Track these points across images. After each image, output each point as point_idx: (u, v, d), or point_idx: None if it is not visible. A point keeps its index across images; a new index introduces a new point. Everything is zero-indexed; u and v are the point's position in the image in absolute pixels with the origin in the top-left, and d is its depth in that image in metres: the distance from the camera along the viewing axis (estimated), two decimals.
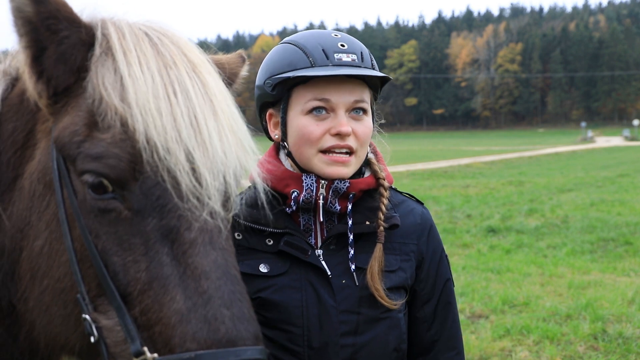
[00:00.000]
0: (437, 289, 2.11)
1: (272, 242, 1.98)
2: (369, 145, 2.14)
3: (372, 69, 2.00)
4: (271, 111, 2.07)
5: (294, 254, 1.95)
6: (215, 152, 1.43)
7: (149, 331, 1.34)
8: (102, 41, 1.48)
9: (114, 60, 1.45)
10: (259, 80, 2.06)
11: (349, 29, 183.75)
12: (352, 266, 1.96)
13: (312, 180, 1.98)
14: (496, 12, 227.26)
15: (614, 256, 10.48)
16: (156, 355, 1.32)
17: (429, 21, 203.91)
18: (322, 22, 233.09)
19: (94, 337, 1.38)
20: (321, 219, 1.99)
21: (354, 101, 1.95)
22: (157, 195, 1.39)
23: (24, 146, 1.57)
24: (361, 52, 2.00)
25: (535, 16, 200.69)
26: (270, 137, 2.13)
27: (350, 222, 1.98)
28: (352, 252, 1.97)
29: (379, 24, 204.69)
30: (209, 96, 1.48)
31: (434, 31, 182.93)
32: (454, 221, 14.09)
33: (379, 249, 1.97)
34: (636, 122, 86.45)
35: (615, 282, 8.76)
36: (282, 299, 1.94)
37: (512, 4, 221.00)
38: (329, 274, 1.95)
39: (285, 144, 2.04)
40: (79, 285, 1.41)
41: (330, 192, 1.97)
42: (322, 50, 1.96)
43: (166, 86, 1.43)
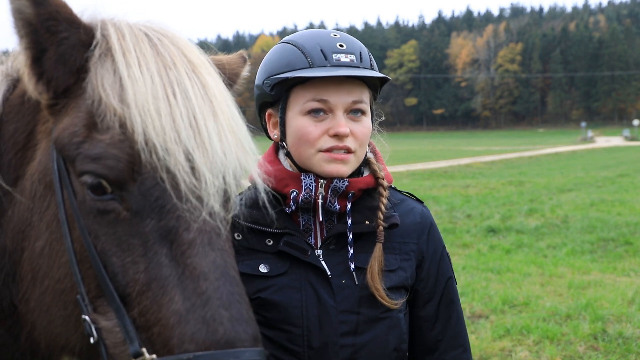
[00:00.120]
0: (439, 288, 2.10)
1: (271, 242, 1.98)
2: (369, 144, 2.14)
3: (371, 69, 1.99)
4: (270, 111, 2.07)
5: (293, 254, 1.95)
6: (214, 152, 1.43)
7: (147, 332, 1.34)
8: (102, 42, 1.47)
9: (113, 61, 1.44)
10: (258, 80, 2.06)
11: (349, 29, 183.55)
12: (352, 265, 1.96)
13: (311, 180, 1.98)
14: (496, 12, 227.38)
15: (614, 256, 10.48)
16: (155, 356, 1.31)
17: (429, 21, 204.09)
18: (322, 22, 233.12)
19: (94, 338, 1.38)
20: (320, 219, 1.99)
21: (352, 102, 1.95)
22: (156, 196, 1.38)
23: (25, 147, 1.56)
24: (360, 52, 1.99)
25: (535, 16, 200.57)
26: (270, 137, 2.12)
27: (349, 221, 1.97)
28: (351, 251, 1.96)
29: (379, 24, 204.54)
30: (208, 97, 1.48)
31: (434, 31, 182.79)
32: (454, 221, 14.08)
33: (378, 248, 1.96)
34: (636, 122, 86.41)
35: (615, 282, 8.76)
36: (281, 299, 1.94)
37: (512, 4, 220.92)
38: (329, 274, 1.95)
39: (284, 144, 2.04)
40: (78, 286, 1.41)
41: (329, 191, 1.97)
42: (321, 50, 1.95)
43: (165, 87, 1.43)
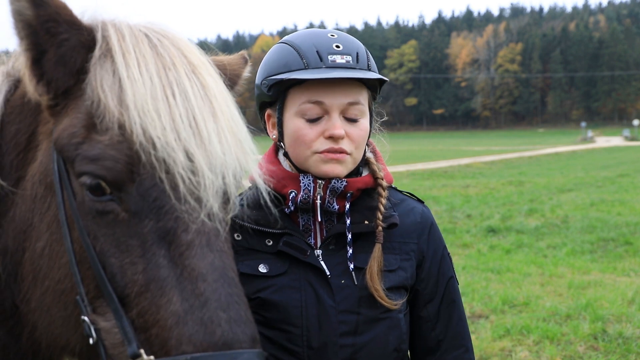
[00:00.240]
0: (440, 288, 2.10)
1: (271, 242, 1.98)
2: (369, 144, 2.13)
3: (368, 69, 1.98)
4: (269, 111, 2.07)
5: (292, 254, 1.95)
6: (214, 153, 1.42)
7: (146, 333, 1.34)
8: (102, 43, 1.47)
9: (112, 62, 1.44)
10: (257, 79, 2.06)
11: (349, 29, 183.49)
12: (351, 266, 1.96)
13: (309, 180, 1.97)
14: (496, 12, 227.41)
15: (614, 256, 10.47)
16: (152, 357, 1.31)
17: (429, 21, 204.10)
18: (322, 22, 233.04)
19: (93, 339, 1.38)
20: (319, 219, 1.99)
21: (347, 103, 1.94)
22: (154, 196, 1.38)
23: (26, 148, 1.57)
24: (357, 53, 1.97)
25: (535, 16, 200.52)
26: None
27: (348, 221, 1.97)
28: (350, 251, 1.96)
29: (379, 24, 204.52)
30: (208, 97, 1.47)
31: (434, 31, 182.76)
32: (454, 221, 14.08)
33: (377, 249, 1.96)
34: (636, 122, 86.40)
35: (615, 282, 8.76)
36: (281, 299, 1.94)
37: (512, 4, 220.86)
38: (328, 274, 1.95)
39: (282, 144, 2.04)
40: (78, 286, 1.41)
41: (327, 191, 1.97)
42: (317, 51, 1.94)
43: (165, 88, 1.42)
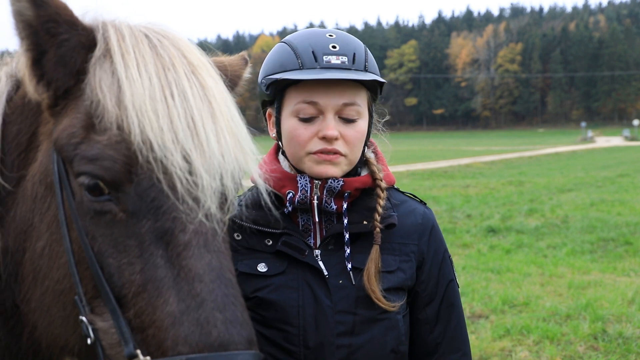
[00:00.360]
0: (440, 291, 2.08)
1: (271, 242, 1.98)
2: (370, 144, 2.13)
3: (365, 70, 1.96)
4: (269, 110, 2.08)
5: (291, 253, 1.95)
6: (212, 153, 1.42)
7: (142, 333, 1.34)
8: (102, 44, 1.47)
9: (112, 62, 1.44)
10: (259, 78, 2.06)
11: (349, 29, 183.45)
12: (349, 266, 1.96)
13: (306, 180, 1.97)
14: (496, 12, 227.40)
15: (614, 256, 10.48)
16: (149, 358, 1.31)
17: (429, 21, 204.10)
18: (322, 22, 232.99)
19: (91, 339, 1.38)
20: (316, 219, 1.99)
21: (343, 104, 1.93)
22: (152, 197, 1.38)
23: (27, 148, 1.57)
24: (354, 54, 1.95)
25: (535, 16, 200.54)
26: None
27: (345, 221, 1.97)
28: (348, 251, 1.96)
29: (379, 24, 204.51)
30: (207, 98, 1.47)
31: (434, 31, 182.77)
32: (454, 221, 14.08)
33: (375, 250, 1.96)
34: (636, 122, 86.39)
35: (615, 282, 8.76)
36: (278, 299, 1.94)
37: (512, 4, 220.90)
38: (326, 274, 1.95)
39: (280, 143, 2.05)
40: (76, 287, 1.41)
41: (324, 192, 1.96)
42: (312, 52, 1.94)
43: (163, 88, 1.42)
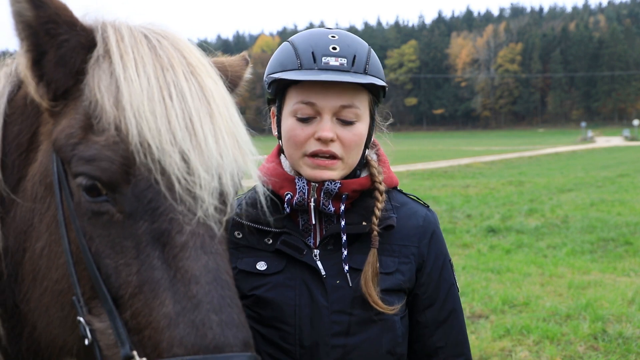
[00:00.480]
0: (441, 295, 2.08)
1: (271, 241, 1.99)
2: (374, 145, 2.13)
3: (365, 73, 1.94)
4: (273, 109, 2.08)
5: (289, 253, 1.96)
6: (210, 154, 1.42)
7: (139, 335, 1.34)
8: (101, 44, 1.47)
9: (110, 63, 1.44)
10: (264, 77, 2.06)
11: (349, 29, 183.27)
12: (346, 267, 1.96)
13: (303, 183, 1.98)
14: (496, 12, 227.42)
15: (614, 256, 10.49)
16: (145, 359, 1.31)
17: (429, 21, 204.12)
18: (322, 22, 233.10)
19: (88, 340, 1.38)
20: (312, 222, 1.99)
21: (340, 106, 1.92)
22: (149, 198, 1.38)
23: (28, 148, 1.57)
24: (354, 56, 1.94)
25: (535, 16, 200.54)
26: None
27: (343, 222, 1.97)
28: (345, 252, 1.96)
29: (379, 24, 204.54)
30: (206, 99, 1.47)
31: (434, 31, 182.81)
32: (454, 221, 14.09)
33: (372, 254, 1.95)
34: (636, 122, 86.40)
35: (615, 282, 8.77)
36: (275, 297, 1.95)
37: (512, 4, 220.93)
38: (324, 274, 1.95)
39: (281, 142, 2.05)
40: (74, 287, 1.41)
41: (321, 194, 1.96)
42: (312, 52, 1.93)
43: (162, 89, 1.42)
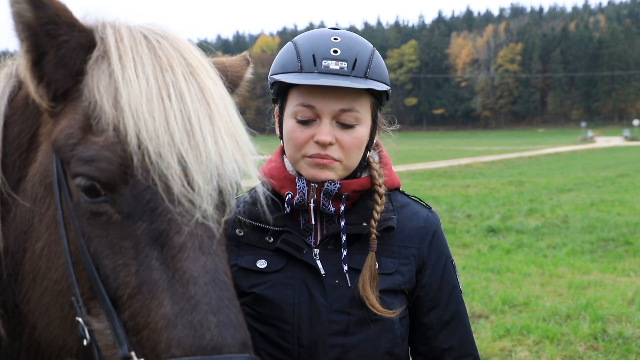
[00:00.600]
0: (444, 296, 2.08)
1: (272, 239, 1.99)
2: (377, 146, 2.13)
3: (365, 77, 1.93)
4: (276, 108, 2.08)
5: (289, 251, 1.96)
6: (209, 155, 1.42)
7: (137, 335, 1.34)
8: (101, 45, 1.47)
9: (109, 63, 1.44)
10: (268, 76, 2.07)
11: (349, 29, 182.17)
12: (345, 267, 1.96)
13: (303, 183, 1.98)
14: (496, 12, 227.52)
15: (614, 256, 10.48)
16: None
17: (429, 21, 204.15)
18: (322, 22, 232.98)
19: (87, 340, 1.38)
20: (312, 222, 2.00)
21: (340, 110, 1.92)
22: (148, 198, 1.38)
23: (28, 149, 1.57)
24: (355, 60, 1.93)
25: (535, 16, 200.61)
26: None
27: (342, 223, 1.97)
28: (344, 253, 1.97)
29: (379, 24, 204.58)
30: (205, 99, 1.47)
31: (434, 31, 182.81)
32: (454, 221, 14.08)
33: (371, 257, 1.95)
34: (636, 122, 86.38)
35: (615, 282, 8.77)
36: (274, 295, 1.95)
37: (512, 4, 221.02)
38: (323, 273, 1.96)
39: (283, 142, 2.05)
40: (73, 287, 1.41)
41: (321, 194, 1.97)
42: (313, 55, 1.93)
43: (160, 90, 1.42)
